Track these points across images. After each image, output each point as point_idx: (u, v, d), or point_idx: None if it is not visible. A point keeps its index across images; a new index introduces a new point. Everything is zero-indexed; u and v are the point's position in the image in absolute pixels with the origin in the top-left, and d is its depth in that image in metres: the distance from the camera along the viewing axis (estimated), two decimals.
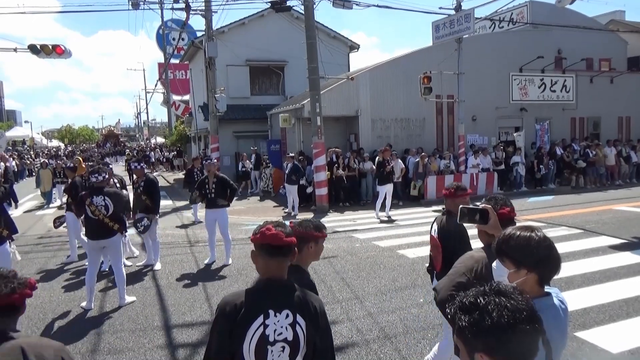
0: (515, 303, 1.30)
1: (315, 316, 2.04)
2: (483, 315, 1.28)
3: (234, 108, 19.19)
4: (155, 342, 4.92)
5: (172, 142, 32.15)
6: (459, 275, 2.31)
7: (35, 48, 11.40)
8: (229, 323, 1.95)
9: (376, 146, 15.50)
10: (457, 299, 1.38)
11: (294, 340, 1.97)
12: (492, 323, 1.26)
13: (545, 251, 1.80)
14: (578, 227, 9.76)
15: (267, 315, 1.95)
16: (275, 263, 2.03)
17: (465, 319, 1.30)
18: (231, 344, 1.95)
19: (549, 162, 16.34)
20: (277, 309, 1.96)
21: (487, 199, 2.57)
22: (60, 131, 74.41)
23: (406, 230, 10.29)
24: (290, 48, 19.46)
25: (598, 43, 19.00)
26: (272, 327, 1.95)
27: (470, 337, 1.29)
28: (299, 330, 1.97)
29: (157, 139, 49.31)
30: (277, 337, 1.95)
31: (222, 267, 7.74)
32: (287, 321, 1.96)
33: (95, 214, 5.79)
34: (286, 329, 1.96)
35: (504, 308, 1.28)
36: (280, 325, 1.95)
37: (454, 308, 1.35)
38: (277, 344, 1.95)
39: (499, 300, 1.30)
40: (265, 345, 1.94)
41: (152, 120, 66.90)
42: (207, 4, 15.93)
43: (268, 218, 12.21)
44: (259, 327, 1.94)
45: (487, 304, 1.29)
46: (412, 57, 16.97)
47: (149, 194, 7.57)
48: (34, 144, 43.17)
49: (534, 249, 1.80)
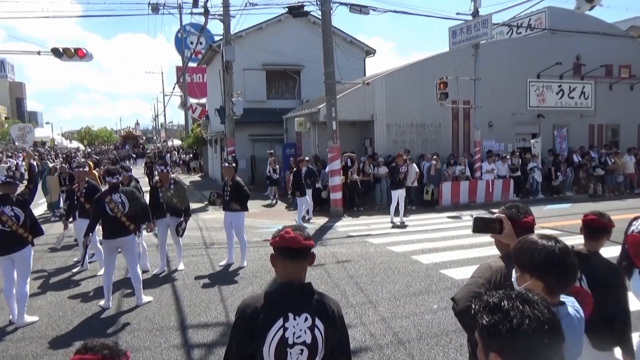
0: (538, 314, 1.30)
1: (333, 319, 2.06)
2: (503, 319, 1.30)
3: (250, 111, 19.36)
4: (172, 341, 5.01)
5: (189, 145, 32.50)
6: (477, 286, 2.31)
7: (58, 51, 11.65)
8: (249, 325, 1.98)
9: (391, 151, 15.51)
10: (484, 297, 1.40)
11: (312, 343, 2.00)
12: (510, 328, 1.28)
13: (546, 258, 1.79)
14: None
15: (286, 318, 1.98)
16: (294, 266, 2.06)
17: (487, 318, 1.32)
18: (251, 346, 1.98)
19: (566, 170, 16.16)
20: (297, 312, 1.99)
21: (507, 207, 2.54)
22: (79, 132, 75.73)
23: (420, 235, 10.27)
24: (306, 53, 19.60)
25: (618, 49, 18.74)
26: (292, 330, 1.97)
27: (487, 336, 1.32)
28: (317, 334, 2.00)
29: (174, 142, 49.87)
30: (296, 340, 1.98)
31: (237, 269, 7.81)
32: (306, 324, 1.99)
33: (115, 211, 5.93)
34: (305, 332, 1.99)
35: (526, 317, 1.29)
36: (299, 328, 1.98)
37: (479, 305, 1.38)
38: (296, 346, 1.98)
39: (522, 308, 1.31)
40: (285, 348, 1.97)
41: (169, 122, 67.83)
42: (225, 8, 16.14)
43: (282, 221, 12.32)
44: (279, 330, 1.97)
45: (510, 309, 1.31)
46: (428, 62, 16.95)
47: (180, 197, 7.73)
48: (54, 144, 43.93)
49: (533, 254, 1.81)
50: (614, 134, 19.58)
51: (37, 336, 5.24)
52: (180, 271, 7.71)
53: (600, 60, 18.25)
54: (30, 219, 5.67)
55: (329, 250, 8.97)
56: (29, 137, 9.46)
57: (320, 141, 15.92)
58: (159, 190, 7.70)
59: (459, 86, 15.10)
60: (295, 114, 17.94)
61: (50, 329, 5.42)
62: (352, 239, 10.07)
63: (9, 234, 5.43)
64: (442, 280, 6.90)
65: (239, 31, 19.95)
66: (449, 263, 7.78)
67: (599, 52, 18.18)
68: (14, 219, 5.46)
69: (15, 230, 5.46)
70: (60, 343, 5.05)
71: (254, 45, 19.96)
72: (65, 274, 7.73)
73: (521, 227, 2.36)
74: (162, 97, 50.72)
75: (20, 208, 5.55)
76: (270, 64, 20.84)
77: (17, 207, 5.53)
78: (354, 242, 9.74)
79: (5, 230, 5.41)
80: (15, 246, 5.48)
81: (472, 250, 8.50)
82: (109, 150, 44.97)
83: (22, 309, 5.55)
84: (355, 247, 9.18)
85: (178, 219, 7.72)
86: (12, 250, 5.47)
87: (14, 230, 5.45)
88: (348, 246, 9.30)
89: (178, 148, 41.13)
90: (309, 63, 19.80)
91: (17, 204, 5.55)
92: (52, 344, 5.03)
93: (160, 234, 7.79)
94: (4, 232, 5.41)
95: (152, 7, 19.59)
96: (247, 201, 8.20)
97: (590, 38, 17.64)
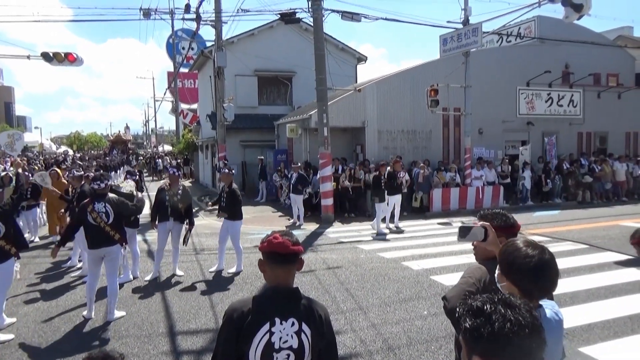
0: (520, 317, 1.32)
1: (321, 324, 2.06)
2: (485, 322, 1.31)
3: (241, 117, 19.34)
4: (160, 348, 4.96)
5: (180, 150, 32.38)
6: (468, 285, 2.33)
7: (48, 56, 11.58)
8: (236, 329, 1.98)
9: (382, 157, 15.55)
10: (468, 300, 1.42)
11: (299, 348, 2.00)
12: (492, 331, 1.29)
13: (522, 265, 1.82)
14: (584, 242, 9.73)
15: (273, 322, 1.98)
16: (282, 271, 2.06)
17: (470, 321, 1.34)
18: (237, 350, 1.98)
19: (555, 177, 16.31)
20: (283, 317, 1.99)
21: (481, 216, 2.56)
22: (69, 137, 75.10)
23: (411, 242, 10.29)
24: (298, 59, 19.65)
25: (606, 58, 19.02)
26: (278, 334, 1.97)
27: (470, 339, 1.34)
28: (304, 339, 2.00)
29: (165, 147, 49.60)
30: (283, 344, 1.98)
31: (227, 275, 7.78)
32: (292, 329, 1.99)
33: (97, 220, 5.74)
34: (292, 336, 1.98)
35: (507, 320, 1.30)
36: (286, 333, 1.98)
37: (463, 308, 1.40)
38: (282, 351, 1.98)
39: (504, 312, 1.33)
40: (271, 352, 1.97)
41: (160, 128, 67.38)
42: (217, 15, 16.14)
43: (274, 227, 12.28)
44: (265, 334, 1.97)
45: (492, 313, 1.33)
46: (419, 69, 17.07)
47: (186, 204, 7.71)
48: (43, 149, 43.45)
49: (508, 256, 1.87)
50: (602, 141, 19.82)
51: (21, 344, 5.15)
52: (174, 277, 7.65)
53: (589, 69, 18.50)
54: (13, 230, 5.41)
55: (320, 256, 8.96)
56: (17, 145, 9.30)
57: (312, 147, 15.94)
58: (166, 192, 7.60)
59: (449, 93, 15.22)
60: (286, 120, 17.96)
61: (37, 336, 5.34)
62: (343, 245, 10.07)
63: None
64: (433, 286, 6.92)
65: (231, 37, 19.94)
66: (439, 269, 7.81)
67: (587, 60, 18.44)
68: None
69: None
70: (46, 351, 4.98)
71: (245, 51, 19.97)
72: (52, 279, 7.64)
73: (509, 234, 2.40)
74: (153, 102, 50.40)
75: (2, 221, 5.26)
76: (262, 70, 20.87)
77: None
78: (344, 248, 9.74)
79: None
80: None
81: (462, 257, 8.52)
82: (99, 155, 44.23)
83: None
84: (345, 253, 9.18)
85: (180, 225, 7.67)
86: None
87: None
88: (339, 252, 9.29)
89: (169, 153, 40.85)
90: (301, 69, 19.86)
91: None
92: (35, 353, 4.95)
93: (161, 240, 7.69)
94: None
95: (144, 12, 19.46)
96: (240, 208, 8.12)
97: (578, 47, 17.88)
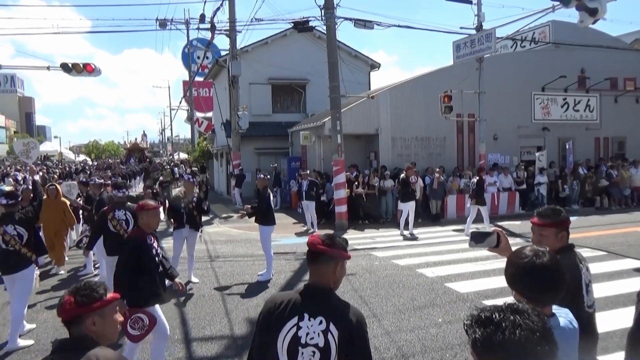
0: (530, 323, 1.32)
1: (350, 328, 2.05)
2: (496, 330, 1.31)
3: (255, 125, 19.49)
4: (176, 354, 5.01)
5: (195, 158, 32.67)
6: None
7: (67, 67, 11.81)
8: (268, 317, 2.09)
9: (396, 164, 15.54)
10: (476, 312, 1.42)
11: (324, 347, 2.02)
12: (503, 339, 1.29)
13: (523, 274, 1.83)
14: (602, 249, 9.57)
15: (301, 317, 2.05)
16: (313, 268, 2.15)
17: (479, 331, 1.34)
18: (268, 338, 2.07)
19: (572, 183, 16.09)
20: (312, 314, 2.05)
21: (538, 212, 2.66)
22: (87, 146, 76.41)
23: (425, 249, 10.24)
24: (311, 67, 19.77)
25: (622, 62, 18.76)
26: (305, 330, 2.03)
27: (481, 350, 1.34)
28: (330, 339, 2.02)
29: (181, 155, 50.11)
30: (309, 340, 2.02)
31: (242, 282, 7.82)
32: (320, 327, 2.03)
33: (117, 228, 5.87)
34: (318, 335, 2.02)
35: (517, 326, 1.31)
36: (313, 330, 2.03)
37: (471, 320, 1.39)
38: (308, 347, 2.02)
39: (513, 318, 1.33)
40: (297, 347, 2.03)
41: (176, 136, 68.33)
42: (231, 24, 16.36)
43: (287, 234, 12.33)
44: (292, 327, 2.04)
45: (502, 320, 1.33)
46: (432, 76, 17.05)
47: (200, 211, 7.85)
48: (62, 158, 44.26)
49: (514, 270, 1.87)
50: (620, 146, 19.51)
51: (41, 350, 5.24)
52: (189, 284, 7.72)
53: (605, 73, 18.26)
54: (35, 237, 5.54)
55: None
56: (33, 153, 9.47)
57: (326, 154, 15.98)
58: (181, 200, 7.75)
59: (463, 99, 15.14)
60: (300, 128, 18.04)
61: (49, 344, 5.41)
62: (357, 252, 10.05)
63: (12, 253, 5.28)
64: (447, 293, 6.87)
65: (245, 46, 20.18)
66: (454, 276, 7.75)
67: (603, 65, 18.21)
68: (17, 238, 5.33)
69: (19, 250, 5.32)
70: None
71: (259, 60, 20.17)
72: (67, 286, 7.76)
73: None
74: (169, 111, 51.08)
75: (24, 227, 5.41)
76: (275, 78, 21.04)
77: (20, 225, 5.39)
78: (358, 255, 9.73)
79: (9, 250, 5.27)
80: (18, 266, 5.32)
81: (477, 264, 8.47)
82: (115, 164, 44.64)
83: (14, 332, 5.27)
84: (360, 261, 9.16)
85: (195, 233, 7.80)
86: (14, 270, 5.30)
87: (17, 249, 5.31)
88: (353, 259, 9.27)
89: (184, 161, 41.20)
90: (314, 77, 19.96)
91: (20, 222, 5.41)
92: None
93: (176, 247, 7.81)
94: (7, 252, 5.27)
95: (160, 22, 19.89)
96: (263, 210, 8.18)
97: (594, 51, 17.70)
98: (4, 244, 5.30)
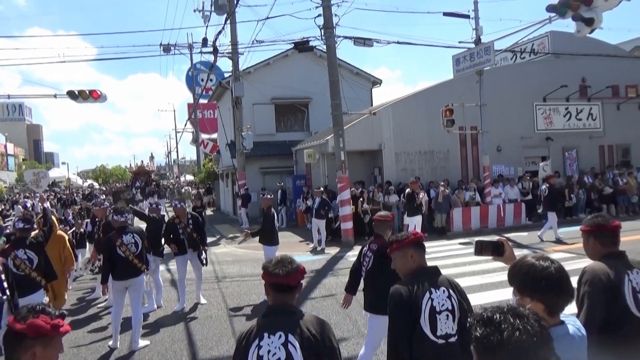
0: (529, 327, 1.36)
1: (312, 338, 2.18)
2: (495, 331, 1.36)
3: (260, 145, 19.65)
4: None
5: (201, 180, 32.90)
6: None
7: (73, 94, 12.02)
8: (238, 353, 2.23)
9: (401, 179, 15.58)
10: (480, 311, 1.46)
11: (287, 358, 2.12)
12: (501, 340, 1.33)
13: (544, 280, 1.85)
14: None
15: (262, 337, 2.17)
16: (280, 297, 2.33)
17: (480, 330, 1.39)
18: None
19: (578, 191, 16.03)
20: (271, 332, 2.18)
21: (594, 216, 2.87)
22: (94, 171, 77.04)
23: (432, 263, 10.10)
24: (313, 85, 19.97)
25: (623, 70, 18.82)
26: (266, 347, 2.14)
27: (480, 349, 1.38)
28: (291, 349, 2.13)
29: (187, 177, 50.43)
30: (271, 357, 2.12)
31: (249, 302, 7.83)
32: (279, 341, 2.15)
33: (126, 253, 5.90)
34: (279, 348, 2.14)
35: (516, 329, 1.34)
36: (274, 345, 2.14)
37: (474, 318, 1.44)
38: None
39: (513, 321, 1.37)
40: None
41: (181, 158, 68.81)
42: (233, 47, 16.64)
43: (294, 253, 12.33)
44: (255, 349, 2.15)
45: (502, 322, 1.37)
46: (433, 90, 17.18)
47: (199, 231, 7.88)
48: (70, 184, 44.59)
49: (532, 277, 1.88)
50: (625, 153, 19.45)
51: None
52: (197, 305, 7.73)
53: (606, 81, 18.31)
54: (45, 262, 5.59)
55: (341, 280, 8.93)
56: (43, 182, 9.66)
57: (330, 172, 16.06)
58: (177, 226, 7.69)
59: (465, 112, 15.21)
60: (304, 146, 18.17)
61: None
62: None
63: (23, 277, 5.31)
64: None
65: (248, 67, 20.45)
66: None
67: (604, 73, 18.27)
68: (27, 262, 5.37)
69: (29, 274, 5.37)
70: None
71: (262, 80, 20.43)
72: (80, 309, 7.81)
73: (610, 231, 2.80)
74: (175, 134, 51.67)
75: (34, 251, 5.46)
76: (278, 98, 21.27)
77: (30, 250, 5.44)
78: None
79: (19, 274, 5.30)
80: (29, 290, 5.32)
81: (484, 276, 8.43)
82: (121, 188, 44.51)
83: None
84: None
85: (197, 251, 7.80)
86: (24, 295, 5.22)
87: (27, 274, 5.36)
88: None
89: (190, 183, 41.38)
90: (317, 95, 20.17)
91: (30, 247, 5.47)
92: None
93: (181, 270, 7.83)
94: (17, 276, 5.25)
95: (164, 47, 20.24)
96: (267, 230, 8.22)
97: (594, 60, 17.78)
98: (15, 268, 5.34)
